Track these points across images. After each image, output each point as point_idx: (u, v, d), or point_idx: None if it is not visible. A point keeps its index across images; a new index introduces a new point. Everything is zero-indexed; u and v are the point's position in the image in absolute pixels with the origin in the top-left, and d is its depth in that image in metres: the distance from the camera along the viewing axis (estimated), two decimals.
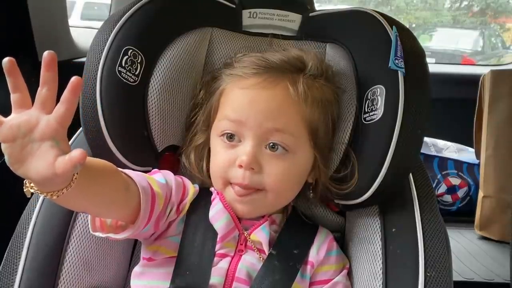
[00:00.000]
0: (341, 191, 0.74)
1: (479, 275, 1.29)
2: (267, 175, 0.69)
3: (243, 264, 0.69)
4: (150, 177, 0.67)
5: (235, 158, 0.70)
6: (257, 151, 0.70)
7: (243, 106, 0.71)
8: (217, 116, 0.75)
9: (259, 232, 0.71)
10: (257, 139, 0.70)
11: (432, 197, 0.75)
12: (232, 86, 0.74)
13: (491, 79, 1.51)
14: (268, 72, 0.72)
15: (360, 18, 0.82)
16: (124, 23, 0.75)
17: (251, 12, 0.87)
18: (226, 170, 0.71)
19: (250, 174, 0.69)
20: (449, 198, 1.64)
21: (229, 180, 0.71)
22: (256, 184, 0.70)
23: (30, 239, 0.70)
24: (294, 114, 0.71)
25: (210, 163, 0.75)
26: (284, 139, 0.70)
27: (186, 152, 0.79)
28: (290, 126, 0.70)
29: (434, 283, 0.64)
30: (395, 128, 0.69)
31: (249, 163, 0.68)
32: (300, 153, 0.72)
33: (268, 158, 0.70)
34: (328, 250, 0.74)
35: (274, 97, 0.70)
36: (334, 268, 0.73)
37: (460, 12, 5.86)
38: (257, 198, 0.70)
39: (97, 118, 0.71)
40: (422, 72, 0.75)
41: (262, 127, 0.69)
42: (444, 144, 1.72)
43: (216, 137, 0.74)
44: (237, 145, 0.71)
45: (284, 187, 0.72)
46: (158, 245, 0.71)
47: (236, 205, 0.71)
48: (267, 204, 0.72)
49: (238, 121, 0.71)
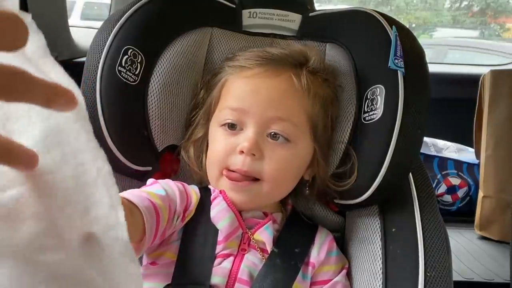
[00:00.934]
0: (340, 188, 0.74)
1: (479, 275, 1.28)
2: (267, 163, 0.69)
3: (246, 264, 0.69)
4: (150, 192, 0.65)
5: (236, 145, 0.70)
6: (259, 138, 0.69)
7: (246, 95, 0.71)
8: (218, 107, 0.75)
9: (263, 232, 0.71)
10: (259, 127, 0.69)
11: (432, 197, 0.75)
12: (235, 77, 0.74)
13: (491, 79, 1.50)
14: (271, 63, 0.72)
15: (360, 18, 0.82)
16: (124, 23, 0.75)
17: (251, 12, 0.87)
18: (225, 157, 0.70)
19: (251, 160, 0.69)
20: (449, 198, 1.64)
21: (227, 167, 0.70)
22: (254, 171, 0.69)
23: None
24: (296, 105, 0.71)
25: (208, 153, 0.75)
26: (286, 129, 0.70)
27: (186, 147, 0.79)
28: (292, 116, 0.70)
29: (434, 283, 0.64)
30: (394, 128, 0.69)
31: (251, 148, 0.68)
32: (301, 144, 0.72)
33: (270, 146, 0.70)
34: (329, 250, 0.74)
35: (277, 87, 0.71)
36: (333, 268, 0.73)
37: (460, 12, 5.85)
38: (253, 187, 0.70)
39: (97, 117, 0.71)
40: (422, 72, 0.75)
41: (264, 115, 0.69)
42: (444, 144, 1.72)
43: (216, 127, 0.74)
44: (238, 133, 0.71)
45: (282, 177, 0.71)
46: (163, 251, 0.70)
47: (230, 193, 0.71)
48: (263, 194, 0.71)
49: (240, 110, 0.70)
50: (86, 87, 0.73)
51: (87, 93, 0.72)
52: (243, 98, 0.71)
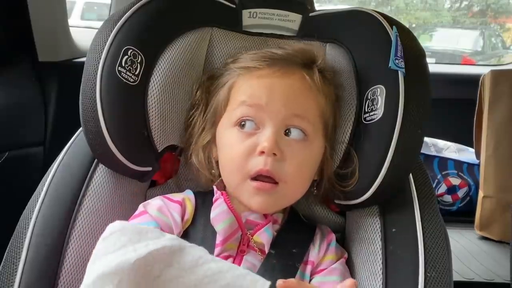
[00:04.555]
0: (342, 188, 0.74)
1: (479, 275, 1.28)
2: (289, 164, 0.68)
3: (245, 265, 0.68)
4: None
5: (255, 146, 0.68)
6: (278, 138, 0.68)
7: (261, 92, 0.70)
8: (228, 109, 0.74)
9: (263, 234, 0.71)
10: (276, 125, 0.69)
11: (432, 197, 0.75)
12: (245, 77, 0.73)
13: (491, 79, 1.50)
14: (281, 63, 0.72)
15: (360, 18, 0.82)
16: (124, 23, 0.75)
17: (251, 12, 0.87)
18: (244, 161, 0.68)
19: (272, 160, 0.67)
20: (449, 198, 1.64)
21: (249, 172, 0.68)
22: (277, 172, 0.68)
23: (30, 239, 0.70)
24: (311, 102, 0.71)
25: (223, 159, 0.73)
26: (303, 125, 0.70)
27: (195, 152, 0.78)
28: (308, 113, 0.70)
29: (434, 283, 0.64)
30: (395, 128, 0.69)
31: (272, 148, 0.67)
32: (316, 143, 0.72)
33: (289, 144, 0.69)
34: (328, 243, 0.74)
35: (292, 85, 0.71)
36: (331, 257, 0.73)
37: (460, 12, 5.86)
38: (278, 190, 0.69)
39: (97, 118, 0.71)
40: (422, 72, 0.75)
41: (281, 113, 0.69)
42: (444, 144, 1.72)
43: (229, 128, 0.72)
44: (255, 133, 0.69)
45: (301, 176, 0.71)
46: None
47: (255, 198, 0.69)
48: (287, 197, 0.71)
49: (257, 105, 0.70)
50: (86, 87, 0.73)
51: (87, 93, 0.72)
52: (259, 95, 0.70)
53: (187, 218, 0.71)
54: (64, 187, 0.75)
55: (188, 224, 0.71)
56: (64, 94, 1.35)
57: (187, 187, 0.81)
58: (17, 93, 1.29)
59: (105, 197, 0.75)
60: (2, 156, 1.19)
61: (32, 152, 1.32)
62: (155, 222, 0.68)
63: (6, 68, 1.28)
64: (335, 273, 0.71)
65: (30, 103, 1.33)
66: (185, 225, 0.71)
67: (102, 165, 0.77)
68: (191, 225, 0.71)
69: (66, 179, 0.75)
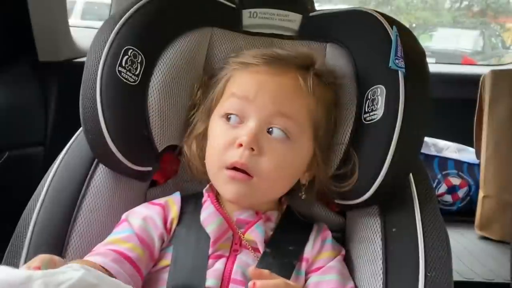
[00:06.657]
0: (341, 189, 0.74)
1: (479, 275, 1.28)
2: (265, 161, 0.68)
3: (239, 264, 0.68)
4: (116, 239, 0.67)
5: (235, 138, 0.69)
6: (259, 133, 0.69)
7: (251, 86, 0.71)
8: (221, 101, 0.75)
9: (254, 231, 0.71)
10: (260, 121, 0.69)
11: (432, 197, 0.75)
12: (241, 72, 0.74)
13: (491, 79, 1.51)
14: (278, 62, 0.73)
15: (361, 18, 0.82)
16: (124, 23, 0.75)
17: (251, 12, 0.87)
18: (224, 151, 0.69)
19: (249, 154, 0.68)
20: (449, 198, 1.64)
21: (225, 162, 0.69)
22: (251, 166, 0.68)
23: (30, 239, 0.70)
24: (300, 104, 0.71)
25: (208, 148, 0.74)
26: (287, 125, 0.70)
27: (188, 142, 0.78)
28: (294, 114, 0.70)
29: (435, 283, 0.64)
30: (395, 128, 0.69)
31: (250, 142, 0.67)
32: (300, 143, 0.72)
33: (269, 142, 0.69)
34: (323, 239, 0.74)
35: (283, 84, 0.71)
36: (328, 255, 0.72)
37: (460, 12, 5.85)
38: (250, 183, 0.69)
39: (97, 118, 0.71)
40: (422, 72, 0.75)
41: (267, 108, 0.69)
42: (445, 144, 1.72)
43: (217, 119, 0.73)
44: (238, 126, 0.70)
45: (278, 175, 0.71)
46: (157, 259, 0.70)
47: (227, 186, 0.70)
48: (259, 191, 0.70)
49: (245, 98, 0.70)
50: (86, 87, 0.73)
51: (87, 93, 0.72)
52: (249, 88, 0.71)
53: (173, 217, 0.71)
54: (65, 187, 0.75)
55: (175, 223, 0.71)
56: (64, 94, 1.35)
57: (187, 187, 0.81)
58: (17, 93, 1.29)
59: (105, 197, 0.75)
60: (2, 156, 1.20)
61: (33, 152, 1.32)
62: (131, 230, 0.69)
63: (7, 68, 1.28)
64: (333, 272, 0.70)
65: (30, 103, 1.33)
66: (172, 225, 0.71)
67: (102, 165, 0.77)
68: (182, 228, 0.71)
69: (67, 179, 0.75)
